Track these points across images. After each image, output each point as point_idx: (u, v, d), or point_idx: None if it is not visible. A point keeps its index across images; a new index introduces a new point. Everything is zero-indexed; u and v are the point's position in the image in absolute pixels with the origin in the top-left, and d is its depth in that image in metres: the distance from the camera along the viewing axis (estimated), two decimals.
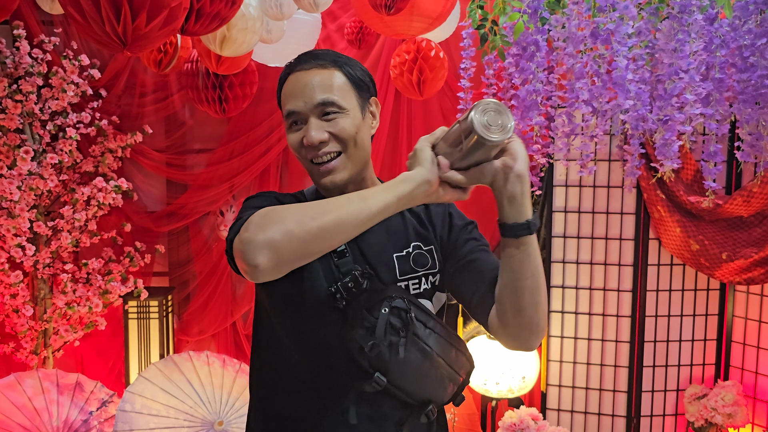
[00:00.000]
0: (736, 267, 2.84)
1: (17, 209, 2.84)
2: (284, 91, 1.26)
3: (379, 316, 1.14)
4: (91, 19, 1.65)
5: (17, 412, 2.73)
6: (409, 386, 1.20)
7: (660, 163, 1.91)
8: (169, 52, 2.70)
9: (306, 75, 1.23)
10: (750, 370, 3.03)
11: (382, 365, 1.16)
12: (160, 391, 2.80)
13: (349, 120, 1.23)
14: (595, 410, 3.18)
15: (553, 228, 3.17)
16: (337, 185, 1.23)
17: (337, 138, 1.21)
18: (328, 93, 1.22)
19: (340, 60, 1.26)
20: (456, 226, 1.34)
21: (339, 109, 1.22)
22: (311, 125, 1.21)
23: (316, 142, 1.20)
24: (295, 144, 1.24)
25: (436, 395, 1.24)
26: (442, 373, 1.22)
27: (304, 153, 1.23)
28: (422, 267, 1.29)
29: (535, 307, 1.12)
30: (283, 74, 1.28)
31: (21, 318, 2.97)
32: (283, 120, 1.28)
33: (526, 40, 2.12)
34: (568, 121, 2.24)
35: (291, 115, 1.23)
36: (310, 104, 1.21)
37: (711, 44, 1.88)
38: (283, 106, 1.26)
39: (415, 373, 1.19)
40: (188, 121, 3.37)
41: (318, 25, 2.92)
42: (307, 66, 1.24)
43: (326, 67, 1.24)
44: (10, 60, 2.88)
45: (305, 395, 1.25)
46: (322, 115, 1.21)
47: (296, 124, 1.24)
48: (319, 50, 1.28)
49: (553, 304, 3.18)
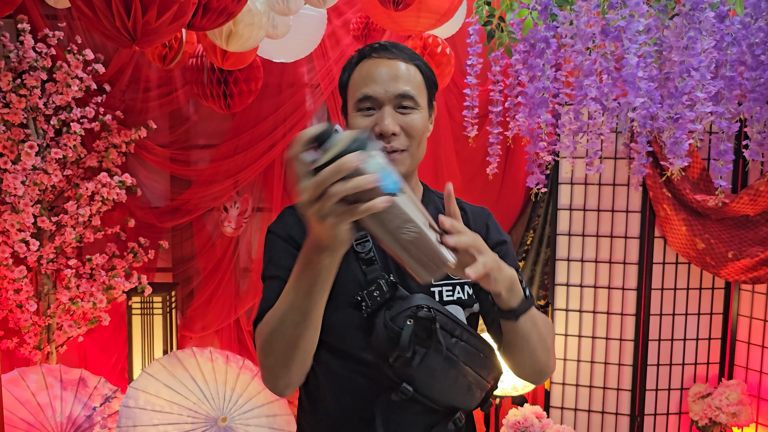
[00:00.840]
0: (742, 266, 2.83)
1: (21, 204, 2.83)
2: (359, 74, 1.24)
3: (404, 326, 1.12)
4: (101, 14, 1.64)
5: (21, 407, 2.73)
6: (435, 395, 1.19)
7: (669, 162, 1.89)
8: (174, 47, 2.68)
9: (388, 63, 1.22)
10: (755, 369, 3.02)
11: (407, 375, 1.15)
12: (163, 387, 2.80)
13: (421, 117, 1.23)
14: (598, 408, 3.18)
15: (558, 225, 3.16)
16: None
17: (407, 133, 1.21)
18: (410, 86, 1.21)
19: (418, 57, 1.25)
20: (490, 242, 1.29)
21: (415, 105, 1.22)
22: (387, 114, 1.19)
23: (390, 132, 1.18)
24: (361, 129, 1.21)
25: (463, 402, 1.23)
26: (469, 381, 1.20)
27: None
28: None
29: (533, 364, 1.19)
30: (356, 58, 1.26)
31: (25, 313, 2.97)
32: (347, 104, 1.25)
33: (534, 37, 2.11)
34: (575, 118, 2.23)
35: (366, 99, 1.21)
36: (391, 93, 1.20)
37: (722, 42, 1.87)
38: (355, 89, 1.23)
39: (441, 382, 1.17)
40: (193, 117, 3.36)
41: (324, 21, 2.91)
42: (389, 55, 1.23)
43: (408, 61, 1.23)
44: (14, 54, 2.87)
45: (336, 401, 1.25)
46: (397, 107, 1.21)
47: (368, 109, 1.21)
48: (397, 43, 1.27)
49: (557, 301, 3.18)
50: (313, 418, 1.31)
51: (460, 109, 3.10)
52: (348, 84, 1.26)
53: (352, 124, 1.23)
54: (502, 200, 3.32)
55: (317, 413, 1.30)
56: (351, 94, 1.24)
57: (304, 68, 3.30)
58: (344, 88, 1.28)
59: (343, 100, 1.29)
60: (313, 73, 3.28)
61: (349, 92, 1.25)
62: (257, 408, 2.87)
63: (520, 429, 2.82)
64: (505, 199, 3.32)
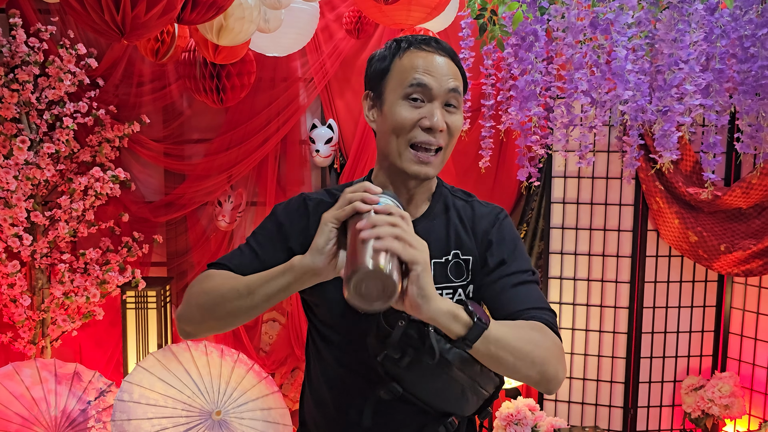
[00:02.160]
0: (735, 258, 2.84)
1: (14, 199, 2.83)
2: (409, 62, 1.20)
3: (396, 327, 1.12)
4: (90, 8, 1.64)
5: (15, 401, 2.74)
6: (425, 397, 1.18)
7: (659, 154, 1.90)
8: (166, 41, 2.68)
9: (440, 58, 1.20)
10: (747, 361, 3.03)
11: (396, 375, 1.15)
12: (158, 380, 2.81)
13: (461, 119, 1.23)
14: (592, 401, 3.19)
15: (552, 219, 3.17)
16: (428, 177, 1.22)
17: (449, 131, 1.20)
18: (458, 84, 1.21)
19: (458, 58, 1.25)
20: (491, 258, 1.27)
21: (458, 104, 1.22)
22: (437, 109, 1.18)
23: (440, 128, 1.17)
24: (407, 120, 1.18)
25: (455, 407, 1.21)
26: (462, 386, 1.17)
27: (414, 134, 1.18)
28: (458, 278, 1.26)
29: (524, 378, 1.11)
30: (400, 46, 1.22)
31: (19, 308, 2.97)
32: (385, 92, 1.21)
33: (525, 30, 2.11)
34: (567, 111, 2.23)
35: (420, 87, 1.17)
36: (445, 87, 1.18)
37: (711, 34, 1.87)
38: (404, 75, 1.19)
39: (431, 384, 1.16)
40: (186, 111, 3.35)
41: (316, 15, 2.90)
42: (440, 51, 1.21)
43: (453, 59, 1.22)
44: (7, 49, 2.86)
45: (333, 393, 1.28)
46: (445, 103, 1.20)
47: (416, 100, 1.18)
48: (440, 39, 1.25)
49: (551, 295, 3.19)
50: (315, 411, 1.33)
51: None
52: (390, 70, 1.21)
53: (395, 112, 1.18)
54: (495, 194, 3.32)
55: (318, 407, 1.32)
56: (397, 81, 1.20)
57: (298, 62, 3.30)
58: (383, 74, 1.22)
59: (377, 87, 1.24)
60: (306, 67, 3.28)
61: (393, 79, 1.20)
62: (252, 401, 2.88)
63: (513, 421, 2.83)
64: (498, 193, 3.33)
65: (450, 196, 1.33)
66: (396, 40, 1.25)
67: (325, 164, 3.27)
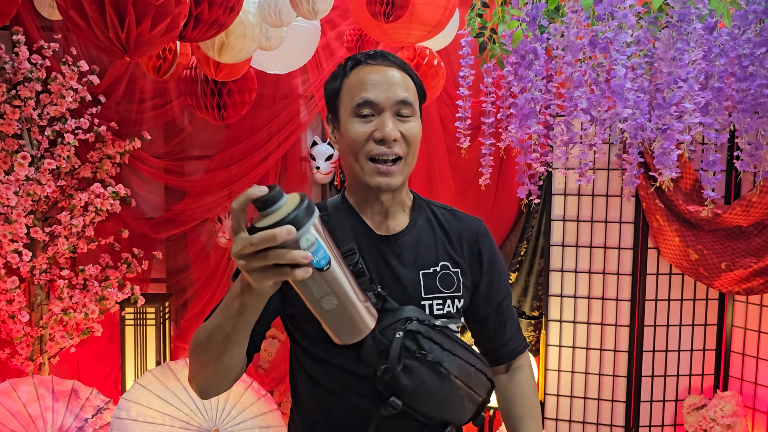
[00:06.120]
0: (736, 277, 2.83)
1: (14, 215, 2.83)
2: (357, 79, 1.21)
3: (393, 339, 1.12)
4: (95, 25, 1.65)
5: (12, 418, 2.71)
6: (425, 409, 1.17)
7: (659, 172, 1.90)
8: (168, 58, 2.69)
9: (386, 70, 1.21)
10: (749, 380, 3.01)
11: (397, 389, 1.14)
12: (155, 398, 2.79)
13: (417, 125, 1.23)
14: (593, 420, 3.16)
15: (552, 236, 3.17)
16: (391, 188, 1.21)
17: (405, 140, 1.20)
18: (408, 93, 1.21)
19: (408, 67, 1.26)
20: (485, 267, 1.34)
21: (412, 112, 1.22)
22: (388, 120, 1.18)
23: (393, 138, 1.17)
24: (360, 136, 1.19)
25: (455, 416, 1.22)
26: (460, 394, 1.19)
27: (369, 147, 1.19)
28: (448, 289, 1.26)
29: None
30: (348, 65, 1.24)
31: (17, 324, 2.96)
32: (340, 111, 1.23)
33: (524, 49, 2.12)
34: (567, 129, 2.24)
35: (366, 104, 1.19)
36: (393, 99, 1.19)
37: (710, 53, 1.88)
38: (353, 94, 1.21)
39: (431, 396, 1.16)
40: (187, 128, 3.36)
41: (317, 33, 2.92)
42: (386, 63, 1.22)
43: (401, 70, 1.23)
44: (9, 65, 2.88)
45: (327, 414, 1.24)
46: (396, 113, 1.20)
47: (366, 116, 1.19)
48: (388, 52, 1.27)
49: (551, 312, 3.17)
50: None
51: (453, 120, 3.11)
52: (341, 90, 1.23)
53: (349, 129, 1.20)
54: (495, 211, 3.32)
55: (308, 428, 1.28)
56: (346, 100, 1.21)
57: (299, 80, 3.31)
58: (335, 95, 1.25)
59: (333, 108, 1.26)
60: (307, 84, 3.30)
61: (343, 98, 1.22)
62: (250, 419, 2.85)
63: None
64: (498, 210, 3.33)
65: (429, 208, 1.34)
66: (346, 58, 1.27)
67: (326, 181, 3.27)
